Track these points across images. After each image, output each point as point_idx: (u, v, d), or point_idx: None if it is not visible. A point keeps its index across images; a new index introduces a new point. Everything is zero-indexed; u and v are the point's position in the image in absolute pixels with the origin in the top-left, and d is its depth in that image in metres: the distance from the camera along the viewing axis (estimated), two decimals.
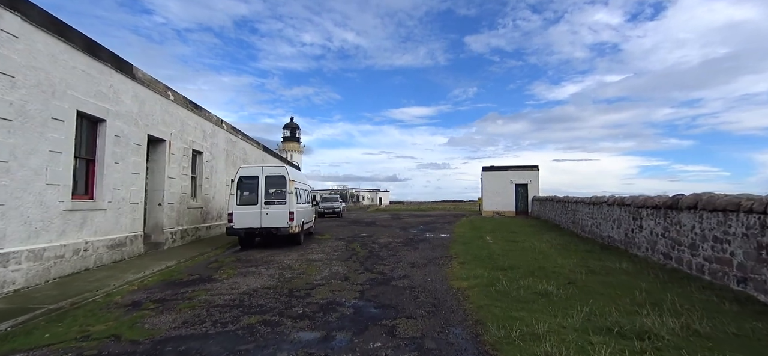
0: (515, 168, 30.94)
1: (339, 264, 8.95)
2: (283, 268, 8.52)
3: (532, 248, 10.77)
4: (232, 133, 17.74)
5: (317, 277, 7.56)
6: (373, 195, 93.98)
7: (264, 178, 11.67)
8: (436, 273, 7.87)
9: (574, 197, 16.96)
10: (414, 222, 23.92)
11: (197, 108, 13.89)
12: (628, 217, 10.28)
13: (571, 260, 8.68)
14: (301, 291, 6.47)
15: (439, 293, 6.30)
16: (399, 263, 9.12)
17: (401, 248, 11.78)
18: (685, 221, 7.33)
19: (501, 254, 9.83)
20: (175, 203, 12.37)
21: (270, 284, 7.06)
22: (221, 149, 16.26)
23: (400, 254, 10.56)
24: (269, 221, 11.45)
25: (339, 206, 30.50)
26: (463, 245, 11.89)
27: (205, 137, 14.58)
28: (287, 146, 76.07)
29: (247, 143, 20.20)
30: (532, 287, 6.24)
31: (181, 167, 12.72)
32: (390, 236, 15.35)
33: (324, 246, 12.06)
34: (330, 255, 10.29)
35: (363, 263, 9.15)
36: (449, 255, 10.20)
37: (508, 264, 8.26)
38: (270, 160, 24.74)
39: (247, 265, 8.97)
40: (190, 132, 13.32)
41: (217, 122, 15.83)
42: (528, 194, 29.95)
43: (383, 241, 13.57)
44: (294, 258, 9.80)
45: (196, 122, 13.83)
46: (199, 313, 5.37)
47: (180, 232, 12.64)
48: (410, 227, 20.28)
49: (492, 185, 30.85)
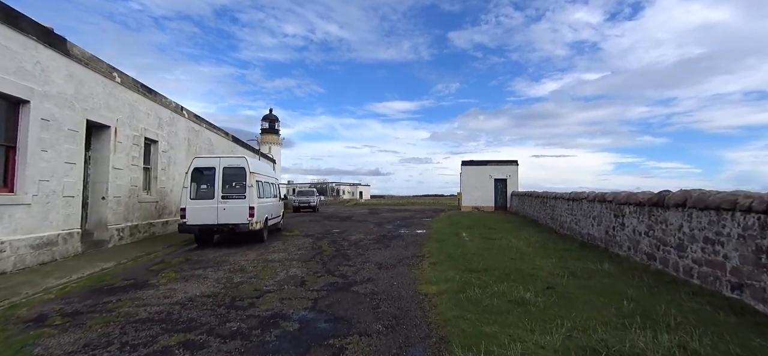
0: (495, 163, 30.57)
1: (299, 266, 8.09)
2: (235, 270, 7.60)
3: (509, 247, 10.15)
4: (195, 121, 16.53)
5: (269, 282, 6.68)
6: (354, 189, 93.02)
7: (222, 170, 10.65)
8: (404, 276, 7.11)
9: (553, 193, 16.53)
10: (391, 218, 23.20)
11: (151, 92, 12.68)
12: (609, 214, 9.77)
13: (549, 261, 8.07)
14: (246, 300, 5.59)
15: (403, 301, 5.53)
16: (366, 263, 8.33)
17: (372, 246, 10.99)
18: (672, 219, 6.78)
19: (476, 253, 9.16)
20: (123, 197, 11.21)
21: (212, 291, 6.14)
22: (181, 139, 15.06)
23: (370, 253, 9.76)
24: (227, 216, 10.45)
25: (315, 200, 29.48)
26: (438, 243, 11.19)
27: (161, 124, 13.38)
28: (266, 139, 74.13)
29: (214, 132, 18.98)
30: (507, 293, 5.54)
31: (131, 157, 11.54)
32: (363, 232, 14.55)
33: (289, 244, 11.16)
34: (292, 255, 9.41)
35: (326, 264, 8.31)
36: (422, 254, 9.47)
37: (482, 266, 7.57)
38: (240, 151, 23.52)
39: (195, 267, 8.01)
40: (142, 119, 12.13)
41: (177, 109, 14.62)
42: (507, 190, 29.65)
43: (354, 238, 12.75)
44: (251, 259, 8.88)
45: (150, 108, 12.63)
46: (110, 331, 4.44)
47: (129, 229, 11.49)
48: (386, 222, 19.53)
49: (471, 179, 30.41)
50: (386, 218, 22.18)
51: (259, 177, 11.58)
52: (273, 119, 76.96)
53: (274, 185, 13.97)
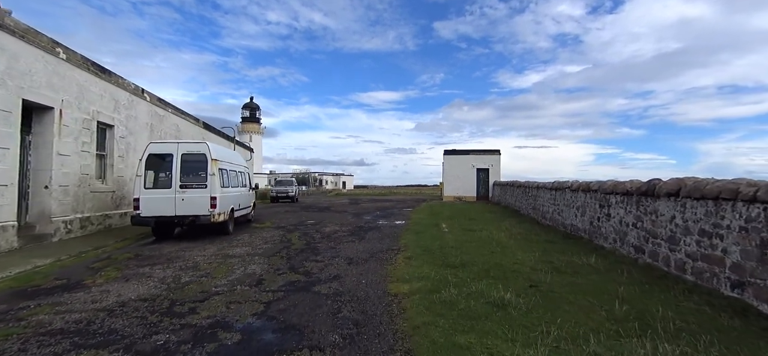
0: (477, 152, 30.17)
1: (260, 262, 7.34)
2: (186, 268, 6.81)
3: (490, 239, 9.61)
4: (159, 105, 15.41)
5: (222, 282, 5.92)
6: (337, 179, 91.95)
7: (180, 156, 9.72)
8: (375, 273, 6.45)
9: (535, 183, 16.12)
10: (371, 208, 22.54)
11: (104, 72, 11.58)
12: (593, 204, 9.31)
13: (532, 255, 7.53)
14: (186, 305, 4.84)
15: (369, 303, 4.87)
16: (335, 258, 7.64)
17: (346, 238, 10.30)
18: (664, 210, 6.30)
19: (455, 246, 8.58)
20: (72, 186, 10.18)
21: (152, 293, 5.36)
22: (142, 124, 13.97)
23: (342, 246, 9.07)
24: (186, 207, 9.57)
25: (293, 190, 28.55)
26: (416, 235, 10.58)
27: (117, 107, 12.29)
28: (246, 127, 72.37)
29: (182, 117, 17.86)
30: (485, 293, 4.94)
31: (80, 143, 10.49)
32: (339, 223, 13.84)
33: (256, 237, 10.36)
34: (256, 249, 8.64)
35: (291, 259, 7.58)
36: (397, 247, 8.83)
37: (460, 260, 6.97)
38: (211, 139, 22.38)
39: (143, 264, 7.17)
40: (94, 100, 11.05)
41: (136, 91, 13.51)
42: (489, 179, 29.32)
43: (328, 230, 12.04)
44: (210, 254, 8.08)
45: (104, 89, 11.54)
46: (6, 347, 3.63)
47: (79, 221, 10.49)
48: (365, 213, 18.85)
49: (453, 169, 29.97)
50: (366, 209, 21.51)
51: (224, 165, 10.70)
52: (254, 108, 75.12)
53: (243, 174, 13.08)
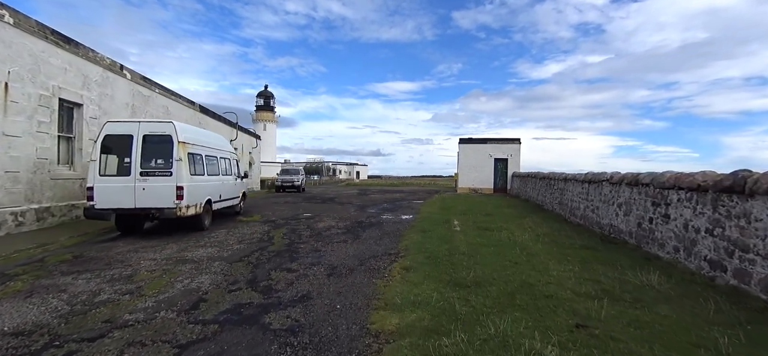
0: (495, 141, 28.11)
1: (217, 270, 5.80)
2: (118, 279, 5.32)
3: (511, 242, 7.87)
4: (144, 84, 14.02)
5: (146, 303, 4.39)
6: (351, 169, 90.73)
7: (141, 137, 8.24)
8: (357, 291, 4.83)
9: (562, 174, 14.18)
10: (379, 199, 20.92)
11: (70, 42, 10.17)
12: (643, 201, 7.45)
13: (569, 268, 5.78)
14: (65, 348, 3.31)
15: (335, 350, 3.25)
16: (314, 266, 6.05)
17: (338, 237, 8.70)
18: (761, 213, 4.46)
19: (467, 251, 6.87)
20: (24, 172, 8.86)
21: (40, 321, 3.85)
22: (121, 104, 12.60)
23: (330, 248, 7.48)
24: (147, 198, 8.10)
25: (299, 179, 27.13)
26: (421, 235, 8.90)
27: (87, 84, 10.91)
28: (261, 116, 71.52)
29: (172, 99, 16.49)
30: (511, 340, 3.26)
31: (35, 122, 9.13)
32: (338, 217, 12.27)
33: (233, 234, 8.87)
34: (224, 251, 7.13)
35: (258, 267, 6.03)
36: (396, 251, 7.19)
37: (473, 276, 5.28)
38: (211, 125, 21.08)
39: (73, 270, 5.72)
40: (54, 75, 9.67)
41: (113, 67, 12.12)
42: (508, 170, 27.28)
43: (322, 225, 10.47)
44: (163, 257, 6.59)
45: (68, 62, 10.15)
46: None
47: (35, 212, 9.18)
48: (371, 205, 17.24)
49: (469, 159, 28.01)
50: (373, 201, 19.90)
51: (197, 149, 9.18)
52: (268, 96, 74.08)
53: (228, 161, 11.59)
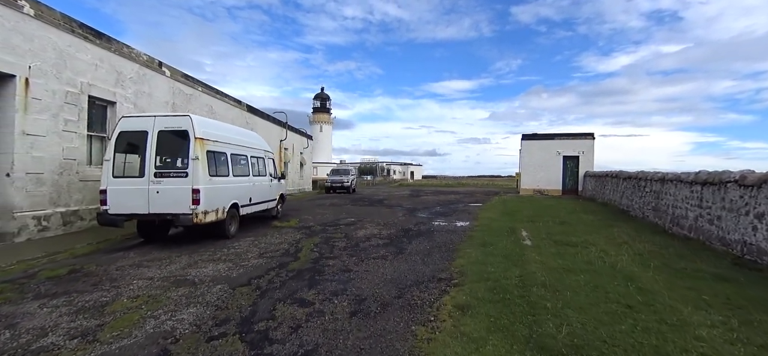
0: (564, 136, 24.98)
1: (208, 301, 4.49)
2: (86, 309, 4.18)
3: (608, 267, 5.79)
4: (185, 82, 13.54)
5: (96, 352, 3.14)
6: (405, 169, 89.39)
7: (156, 134, 7.30)
8: (385, 351, 3.22)
9: (658, 173, 11.46)
10: (431, 201, 19.13)
11: (100, 37, 9.67)
12: None
13: (714, 317, 3.70)
14: None
15: None
16: (335, 298, 4.53)
17: (377, 250, 7.15)
18: None
19: (548, 282, 4.96)
20: (48, 174, 8.36)
21: None
22: (160, 102, 12.12)
23: (363, 267, 5.95)
24: (161, 203, 7.12)
25: (349, 180, 26.08)
26: (481, 250, 7.07)
27: (121, 81, 10.42)
28: (317, 118, 72.72)
29: (217, 98, 16.02)
30: None
31: (62, 121, 8.63)
32: (382, 223, 10.75)
33: (258, 243, 7.67)
34: (236, 268, 5.87)
35: (265, 296, 4.63)
36: (448, 275, 5.48)
37: (568, 333, 3.41)
38: (260, 125, 20.64)
39: (50, 291, 4.72)
40: (83, 70, 9.17)
41: (150, 64, 11.63)
42: (579, 169, 24.07)
43: (362, 234, 8.99)
44: (162, 276, 5.47)
45: (99, 58, 9.65)
46: None
47: (61, 216, 8.68)
48: (422, 208, 15.53)
49: (533, 156, 25.16)
50: (425, 203, 18.15)
51: (220, 147, 8.12)
52: (324, 98, 75.13)
53: (262, 161, 10.54)
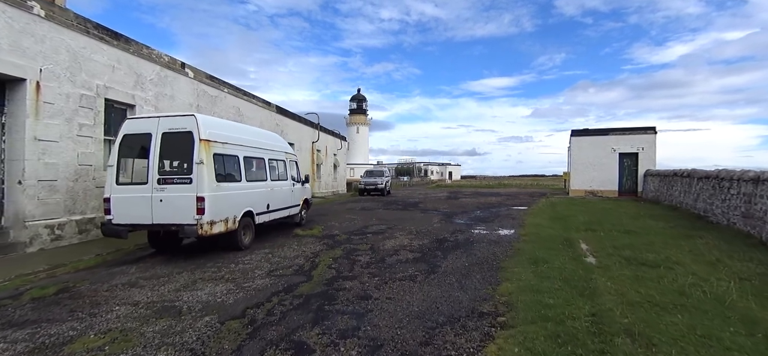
0: (620, 131, 22.56)
1: (184, 342, 3.61)
2: (37, 350, 3.44)
3: (706, 297, 4.34)
4: (210, 83, 13.15)
5: None
6: (443, 169, 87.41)
7: (160, 136, 6.65)
8: None
9: (749, 172, 9.49)
10: (470, 204, 17.72)
11: (118, 38, 9.31)
12: None
13: None
14: None
15: None
16: (342, 343, 3.51)
17: (404, 267, 6.07)
18: None
19: (635, 328, 3.64)
20: (62, 180, 8.01)
21: None
22: (183, 105, 11.73)
23: (386, 292, 4.90)
24: (165, 212, 6.44)
25: (383, 181, 25.11)
26: (533, 269, 5.78)
27: (140, 83, 10.05)
28: (354, 119, 72.69)
29: (244, 99, 15.59)
30: None
31: (75, 125, 8.28)
32: (415, 232, 9.64)
33: (271, 257, 6.83)
34: (236, 291, 5.01)
35: (255, 335, 3.69)
36: (492, 308, 4.30)
37: None
38: (291, 126, 20.17)
39: (17, 320, 4.07)
40: (99, 72, 8.81)
41: (173, 65, 11.24)
42: (638, 168, 21.61)
43: (391, 245, 7.95)
44: (149, 300, 4.71)
45: (116, 59, 9.29)
46: None
47: (76, 224, 8.32)
48: (460, 212, 14.23)
49: (585, 154, 22.94)
50: (463, 206, 16.80)
51: (232, 148, 7.35)
52: (360, 99, 75.01)
53: (282, 163, 9.76)
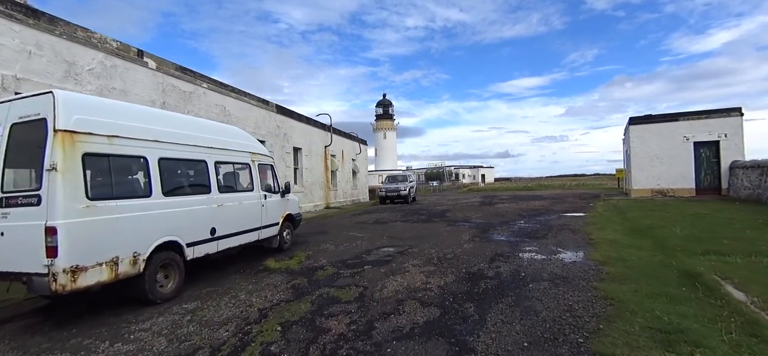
0: (693, 116, 18.48)
1: None
2: None
3: None
4: (181, 75, 10.86)
5: None
6: (475, 172, 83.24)
7: (7, 131, 4.17)
8: None
9: None
10: (509, 212, 14.50)
11: (38, 16, 7.10)
12: None
13: None
14: None
15: None
16: None
17: (407, 353, 3.25)
18: None
19: None
20: None
21: None
22: (143, 102, 9.44)
23: None
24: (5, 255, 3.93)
25: (406, 187, 22.22)
26: (649, 347, 2.79)
27: (73, 74, 7.80)
28: (380, 125, 70.37)
29: (232, 96, 13.26)
30: None
31: None
32: (436, 259, 6.76)
33: (182, 321, 4.20)
34: None
35: None
36: None
37: None
38: (297, 128, 17.81)
39: None
40: (8, 59, 6.62)
41: (122, 52, 8.99)
42: (721, 159, 17.51)
43: (394, 287, 5.11)
44: None
45: (36, 44, 7.07)
46: None
47: None
48: (498, 223, 11.14)
49: (649, 145, 19.02)
50: (501, 215, 13.62)
51: (130, 145, 4.69)
52: (386, 104, 72.72)
53: (244, 168, 7.07)
